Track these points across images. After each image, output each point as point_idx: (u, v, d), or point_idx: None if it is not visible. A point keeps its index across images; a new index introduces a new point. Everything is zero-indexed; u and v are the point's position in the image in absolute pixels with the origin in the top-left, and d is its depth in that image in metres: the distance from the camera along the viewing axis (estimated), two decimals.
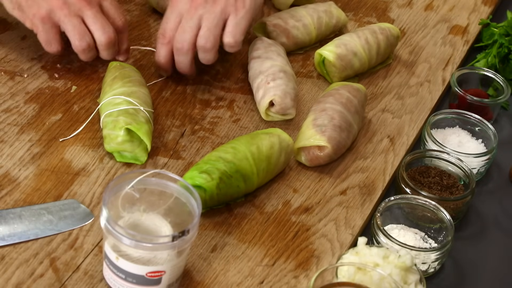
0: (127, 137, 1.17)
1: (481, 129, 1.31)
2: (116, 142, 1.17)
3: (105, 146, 1.18)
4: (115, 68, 1.27)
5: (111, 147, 1.18)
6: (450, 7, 1.63)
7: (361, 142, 1.29)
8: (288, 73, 1.31)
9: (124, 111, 1.19)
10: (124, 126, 1.17)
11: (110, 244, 0.97)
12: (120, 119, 1.18)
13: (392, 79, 1.43)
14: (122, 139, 1.17)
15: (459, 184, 1.22)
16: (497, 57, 1.48)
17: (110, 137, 1.18)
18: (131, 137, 1.18)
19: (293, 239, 1.12)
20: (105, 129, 1.19)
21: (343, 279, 1.00)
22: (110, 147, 1.18)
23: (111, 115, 1.19)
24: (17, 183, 1.13)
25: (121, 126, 1.17)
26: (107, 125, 1.19)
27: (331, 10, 1.47)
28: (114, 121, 1.18)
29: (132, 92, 1.22)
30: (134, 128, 1.17)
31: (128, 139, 1.17)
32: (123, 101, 1.20)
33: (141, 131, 1.17)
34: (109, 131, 1.18)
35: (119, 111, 1.19)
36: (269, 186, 1.19)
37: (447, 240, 1.11)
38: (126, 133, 1.17)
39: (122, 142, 1.17)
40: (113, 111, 1.19)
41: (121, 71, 1.26)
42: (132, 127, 1.17)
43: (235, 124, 1.29)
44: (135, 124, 1.17)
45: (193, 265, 1.07)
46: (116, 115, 1.19)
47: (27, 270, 1.02)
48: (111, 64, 1.29)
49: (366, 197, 1.20)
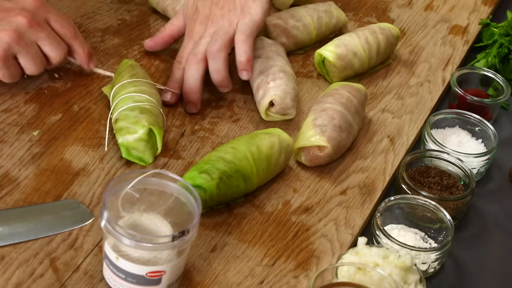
0: (146, 136, 1.17)
1: (481, 129, 1.31)
2: (134, 137, 1.16)
3: (118, 138, 1.17)
4: (132, 66, 1.27)
5: (125, 140, 1.17)
6: (450, 7, 1.63)
7: (361, 142, 1.29)
8: (288, 73, 1.31)
9: (148, 110, 1.18)
10: (148, 126, 1.16)
11: (110, 244, 0.97)
12: (144, 117, 1.17)
13: (392, 79, 1.43)
14: (141, 137, 1.16)
15: (459, 184, 1.22)
16: (497, 57, 1.48)
17: (129, 131, 1.17)
18: (149, 138, 1.17)
19: (293, 239, 1.12)
20: (123, 121, 1.18)
21: (343, 279, 1.00)
22: (123, 141, 1.17)
23: (133, 110, 1.18)
24: (17, 183, 1.13)
25: (144, 124, 1.16)
26: (128, 118, 1.17)
27: (331, 10, 1.47)
28: (137, 117, 1.17)
29: (152, 94, 1.22)
30: (156, 131, 1.17)
31: (146, 139, 1.17)
32: (146, 99, 1.20)
33: (159, 136, 1.18)
34: (129, 125, 1.17)
35: (142, 108, 1.18)
36: (269, 186, 1.19)
37: (447, 240, 1.11)
38: (146, 132, 1.17)
39: (139, 139, 1.17)
40: (134, 106, 1.18)
41: (138, 71, 1.26)
42: (155, 130, 1.17)
43: (235, 124, 1.29)
44: (157, 127, 1.17)
45: (193, 265, 1.07)
46: (139, 111, 1.18)
47: (27, 270, 1.02)
48: (126, 61, 1.29)
49: (366, 197, 1.20)
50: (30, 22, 1.18)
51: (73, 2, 1.47)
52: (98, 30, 1.42)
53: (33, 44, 1.20)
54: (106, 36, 1.41)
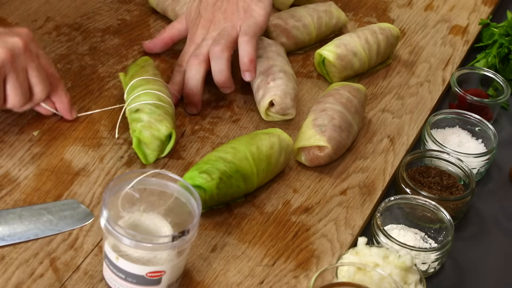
0: (164, 138, 1.17)
1: (481, 129, 1.31)
2: (152, 133, 1.16)
3: (135, 127, 1.17)
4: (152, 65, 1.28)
5: (142, 133, 1.16)
6: (450, 7, 1.63)
7: (361, 142, 1.29)
8: (288, 73, 1.31)
9: (170, 114, 1.19)
10: (171, 128, 1.17)
11: (110, 244, 0.97)
12: (167, 118, 1.18)
13: (392, 79, 1.43)
14: (159, 136, 1.17)
15: (459, 184, 1.22)
16: (497, 57, 1.48)
17: (150, 126, 1.17)
18: (165, 140, 1.18)
19: (293, 239, 1.12)
20: (147, 115, 1.17)
21: (343, 279, 1.00)
22: (140, 133, 1.16)
23: (158, 108, 1.18)
24: (17, 183, 1.13)
25: (167, 126, 1.17)
26: (153, 114, 1.17)
27: (331, 10, 1.47)
28: (162, 116, 1.17)
29: (171, 98, 1.23)
30: (174, 137, 1.18)
31: (162, 139, 1.17)
32: (167, 102, 1.20)
33: (174, 140, 1.18)
34: (153, 121, 1.17)
35: (167, 110, 1.19)
36: (269, 186, 1.19)
37: (447, 240, 1.11)
38: (167, 134, 1.17)
39: (156, 137, 1.17)
40: (159, 104, 1.19)
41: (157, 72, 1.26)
42: (174, 135, 1.18)
43: (235, 124, 1.29)
44: (175, 132, 1.18)
45: (193, 265, 1.07)
46: (163, 111, 1.18)
47: (27, 270, 1.02)
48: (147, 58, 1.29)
49: (366, 197, 1.20)
50: (25, 46, 1.12)
51: (73, 2, 1.47)
52: (98, 30, 1.42)
53: (23, 70, 1.12)
54: (106, 36, 1.41)
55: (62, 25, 1.41)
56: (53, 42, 1.38)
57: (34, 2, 1.45)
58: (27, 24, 1.40)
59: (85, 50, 1.37)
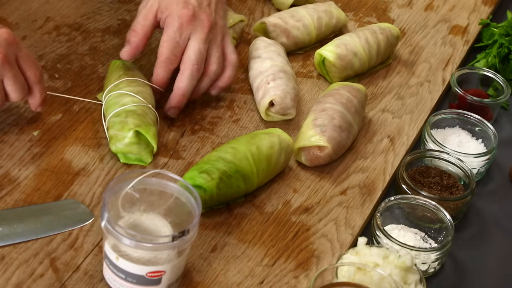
0: (135, 139, 1.16)
1: (481, 129, 1.31)
2: (124, 143, 1.16)
3: (111, 147, 1.17)
4: (119, 67, 1.26)
5: (117, 148, 1.17)
6: (450, 7, 1.63)
7: (361, 142, 1.29)
8: (288, 73, 1.31)
9: (133, 112, 1.18)
10: (134, 128, 1.16)
11: (110, 244, 0.97)
12: (128, 121, 1.16)
13: (392, 79, 1.43)
14: (130, 141, 1.16)
15: (459, 184, 1.22)
16: (497, 57, 1.48)
17: (117, 138, 1.16)
18: (139, 139, 1.17)
19: (293, 239, 1.12)
20: (111, 130, 1.17)
21: (343, 279, 1.00)
22: (116, 148, 1.17)
23: (118, 115, 1.18)
24: (17, 183, 1.13)
25: (130, 128, 1.16)
26: (114, 126, 1.17)
27: (331, 10, 1.47)
28: (122, 122, 1.17)
29: (139, 92, 1.21)
30: (143, 130, 1.16)
31: (136, 141, 1.16)
32: (131, 100, 1.19)
33: (149, 134, 1.16)
34: (117, 132, 1.17)
35: (127, 111, 1.17)
36: (269, 186, 1.19)
37: (447, 240, 1.11)
38: (134, 135, 1.16)
39: (130, 144, 1.16)
40: (120, 111, 1.18)
41: (126, 70, 1.25)
42: (142, 130, 1.16)
43: (235, 124, 1.29)
44: (144, 127, 1.16)
45: (193, 265, 1.07)
46: (124, 115, 1.17)
47: (27, 270, 1.02)
48: (114, 62, 1.28)
49: (366, 197, 1.20)
50: (2, 60, 1.11)
51: (73, 2, 1.47)
52: (98, 30, 1.42)
53: None
54: (106, 36, 1.41)
55: (62, 25, 1.41)
56: (53, 42, 1.38)
57: (34, 2, 1.45)
58: (27, 24, 1.40)
59: (85, 50, 1.37)
